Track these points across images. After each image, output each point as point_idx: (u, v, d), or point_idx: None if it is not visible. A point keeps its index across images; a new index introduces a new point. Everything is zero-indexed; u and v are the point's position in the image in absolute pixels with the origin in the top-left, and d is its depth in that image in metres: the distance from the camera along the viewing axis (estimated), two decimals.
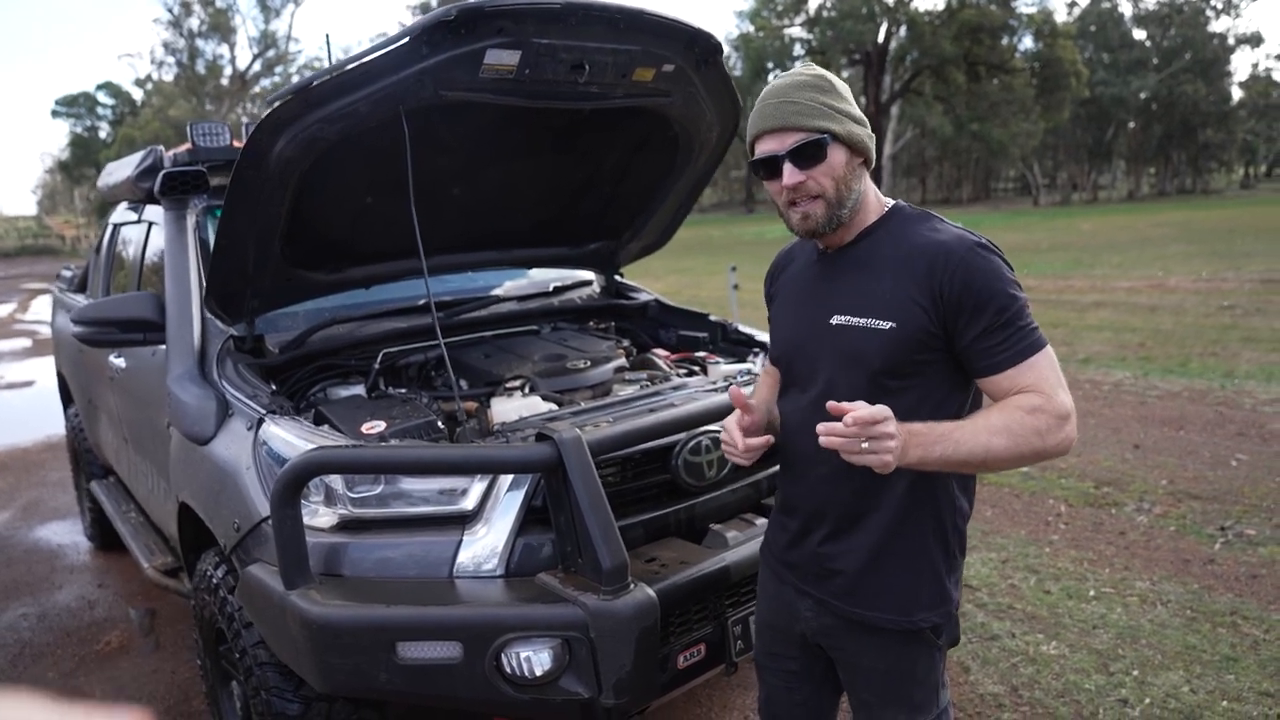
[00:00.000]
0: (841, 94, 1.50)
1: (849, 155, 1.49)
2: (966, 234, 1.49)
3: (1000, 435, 1.37)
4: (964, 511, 1.60)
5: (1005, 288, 1.43)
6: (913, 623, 1.55)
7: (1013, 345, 1.42)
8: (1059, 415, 1.39)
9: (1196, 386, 6.77)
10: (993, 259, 1.45)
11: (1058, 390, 1.40)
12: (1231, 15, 60.50)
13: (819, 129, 1.46)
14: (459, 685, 1.81)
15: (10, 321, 17.84)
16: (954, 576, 1.59)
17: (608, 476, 2.10)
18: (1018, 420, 1.38)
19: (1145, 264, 15.38)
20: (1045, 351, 1.43)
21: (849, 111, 1.49)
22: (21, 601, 4.21)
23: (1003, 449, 1.38)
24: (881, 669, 1.60)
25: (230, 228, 2.35)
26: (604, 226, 3.42)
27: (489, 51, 2.18)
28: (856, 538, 1.56)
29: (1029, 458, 1.41)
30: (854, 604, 1.57)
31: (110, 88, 56.63)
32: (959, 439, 1.37)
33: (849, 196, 1.50)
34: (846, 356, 1.51)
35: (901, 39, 43.32)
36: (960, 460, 1.38)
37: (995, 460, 1.39)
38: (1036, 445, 1.38)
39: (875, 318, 1.47)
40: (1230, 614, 3.30)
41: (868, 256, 1.54)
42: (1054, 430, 1.39)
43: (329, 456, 1.83)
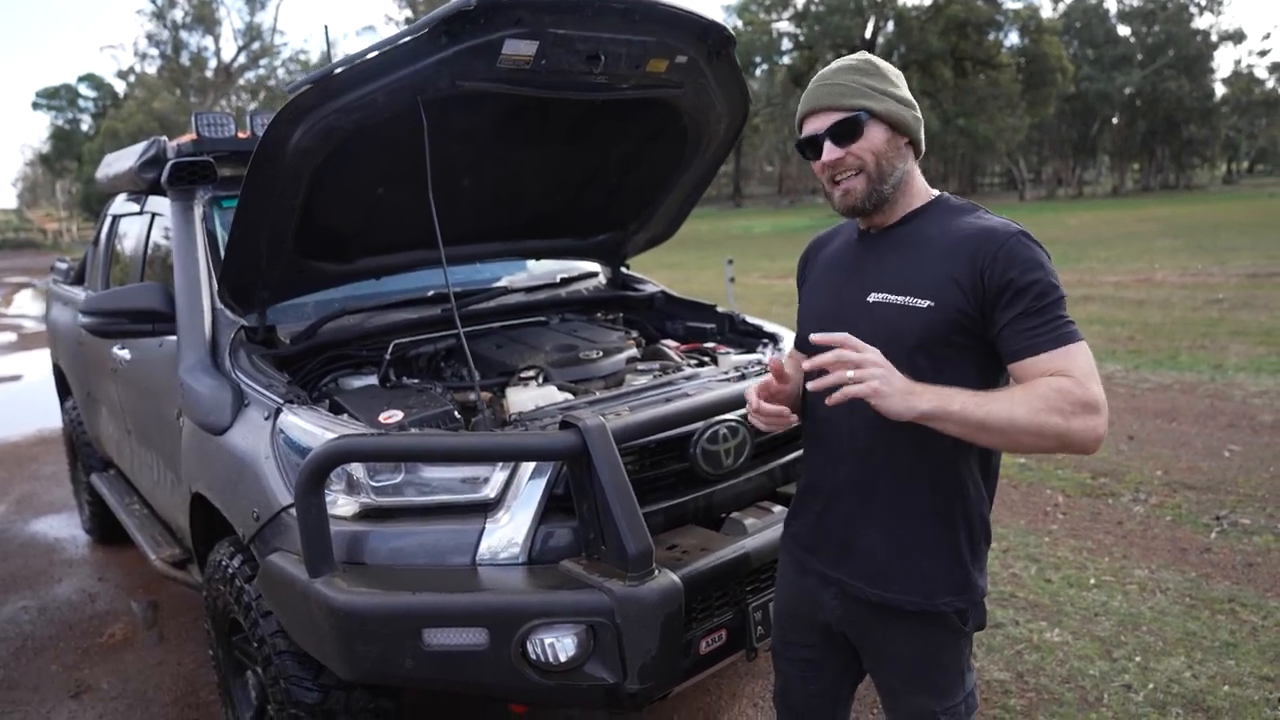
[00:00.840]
0: (886, 75, 1.54)
1: (890, 133, 1.53)
2: (1011, 223, 1.50)
3: (1023, 405, 1.35)
4: (987, 499, 1.61)
5: (1047, 276, 1.43)
6: (936, 606, 1.55)
7: (1051, 331, 1.41)
8: (1087, 401, 1.36)
9: (1187, 379, 6.85)
10: (1035, 248, 1.46)
11: (1090, 379, 1.38)
12: (1215, 12, 61.01)
13: (855, 107, 1.50)
14: (485, 671, 1.82)
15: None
16: (979, 563, 1.60)
17: (628, 465, 2.11)
18: (1043, 395, 1.36)
19: (1132, 258, 15.53)
20: (1081, 345, 1.42)
21: (892, 92, 1.53)
22: (20, 595, 4.19)
23: (1025, 419, 1.34)
24: (908, 654, 1.61)
25: (245, 219, 2.34)
26: (611, 218, 3.43)
27: (507, 42, 2.18)
28: (882, 519, 1.57)
29: (1049, 436, 1.35)
30: (878, 586, 1.58)
31: (92, 80, 56.09)
32: (981, 399, 1.36)
33: (890, 173, 1.53)
34: (881, 334, 1.48)
35: (888, 34, 43.46)
36: (979, 420, 1.35)
37: (1017, 428, 1.35)
38: (1059, 425, 1.34)
39: (914, 296, 1.48)
40: (1228, 601, 3.36)
41: (911, 238, 1.55)
42: (1079, 414, 1.35)
43: (355, 445, 1.84)
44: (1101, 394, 1.38)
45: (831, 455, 1.62)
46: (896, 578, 1.56)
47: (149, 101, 44.18)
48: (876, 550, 1.58)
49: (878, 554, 1.58)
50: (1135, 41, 54.04)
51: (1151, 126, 54.67)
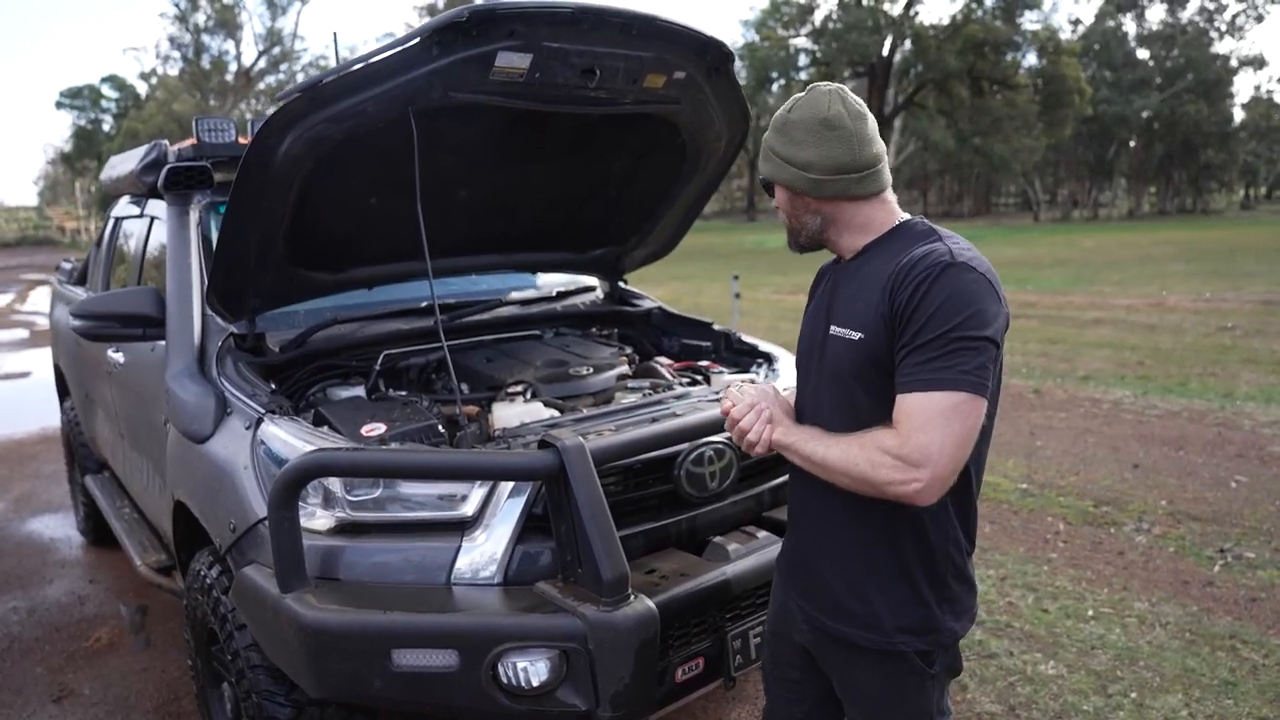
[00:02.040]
0: (790, 135, 1.53)
1: (789, 194, 1.57)
2: (950, 252, 1.41)
3: (838, 448, 1.43)
4: (958, 540, 1.54)
5: (952, 308, 1.35)
6: (894, 646, 1.51)
7: (916, 372, 1.36)
8: (901, 456, 1.33)
9: (1196, 406, 6.76)
10: (959, 280, 1.37)
11: (916, 433, 1.33)
12: (1235, 37, 60.75)
13: (760, 170, 1.60)
14: (455, 694, 1.78)
15: (8, 312, 17.78)
16: (950, 604, 1.53)
17: (609, 485, 2.07)
18: (860, 443, 1.40)
19: (1145, 282, 15.40)
20: (940, 395, 1.33)
21: (787, 155, 1.53)
22: (12, 595, 4.17)
23: (836, 462, 1.43)
24: (870, 692, 1.58)
25: (233, 225, 2.33)
26: (609, 232, 3.40)
27: (500, 54, 2.16)
28: (839, 550, 1.56)
29: (861, 483, 1.40)
30: (836, 619, 1.57)
31: (115, 81, 56.65)
32: (814, 439, 1.48)
33: (800, 228, 1.60)
34: (830, 365, 1.55)
35: (906, 52, 43.46)
36: (803, 456, 1.49)
37: (833, 470, 1.44)
38: (866, 473, 1.38)
39: (850, 328, 1.50)
40: (1229, 637, 3.29)
41: (867, 269, 1.54)
42: (887, 468, 1.35)
43: (328, 459, 1.81)
44: (924, 451, 1.32)
45: (800, 481, 1.62)
46: (852, 612, 1.54)
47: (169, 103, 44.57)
48: (833, 582, 1.57)
49: (834, 586, 1.57)
50: (1154, 65, 53.82)
51: (1169, 150, 54.36)
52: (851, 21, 41.09)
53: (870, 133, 1.52)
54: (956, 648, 1.58)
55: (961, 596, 1.56)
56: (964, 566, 1.56)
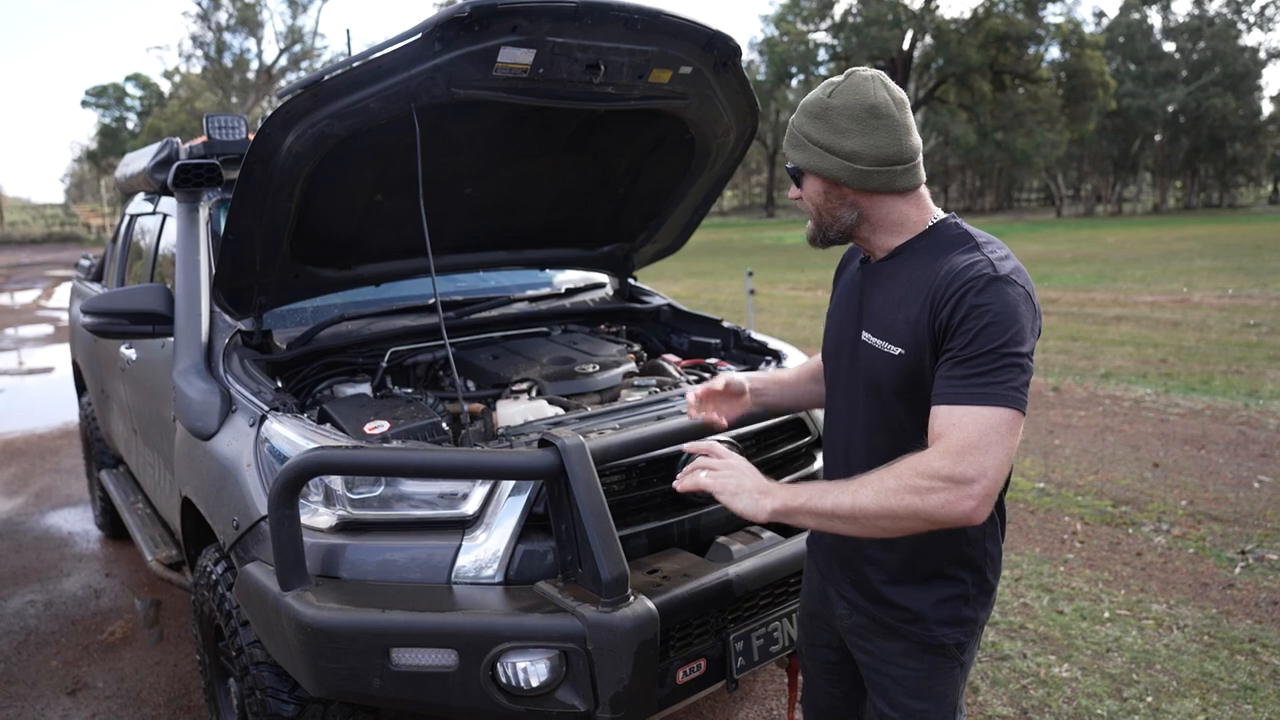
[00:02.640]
0: (833, 122, 1.44)
1: (825, 185, 1.49)
2: (992, 264, 1.37)
3: (870, 489, 1.30)
4: (995, 535, 1.55)
5: (1000, 324, 1.30)
6: (933, 635, 1.53)
7: (961, 384, 1.30)
8: (949, 475, 1.25)
9: (1219, 405, 6.65)
10: (1000, 293, 1.33)
11: (965, 452, 1.25)
12: (1264, 29, 59.74)
13: (793, 160, 1.52)
14: (453, 694, 1.77)
15: (34, 308, 18.05)
16: (983, 597, 1.56)
17: (611, 484, 2.06)
18: (894, 474, 1.29)
19: (1169, 278, 15.18)
20: (991, 411, 1.27)
21: (828, 143, 1.45)
22: (29, 588, 4.23)
23: (872, 505, 1.29)
24: (898, 675, 1.59)
25: (238, 222, 2.33)
26: (618, 229, 3.38)
27: (503, 50, 2.14)
28: (878, 550, 1.56)
29: (906, 519, 1.28)
30: (879, 605, 1.58)
31: (139, 79, 57.32)
32: (827, 490, 1.34)
33: (832, 222, 1.52)
34: (866, 374, 1.52)
35: (927, 46, 43.09)
36: (828, 511, 1.33)
37: (868, 516, 1.30)
38: (912, 504, 1.26)
39: (889, 341, 1.45)
40: (1249, 641, 3.22)
41: (902, 273, 1.48)
42: (939, 491, 1.25)
43: (328, 457, 1.81)
44: (981, 469, 1.26)
45: (836, 471, 1.62)
46: (897, 605, 1.55)
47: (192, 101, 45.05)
48: (877, 572, 1.57)
49: (878, 576, 1.57)
50: (1180, 58, 53.04)
51: (1195, 144, 53.55)
52: (871, 16, 40.81)
53: (912, 122, 1.47)
54: (978, 635, 1.61)
55: (990, 585, 1.58)
56: (998, 557, 1.58)
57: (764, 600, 2.10)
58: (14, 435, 7.28)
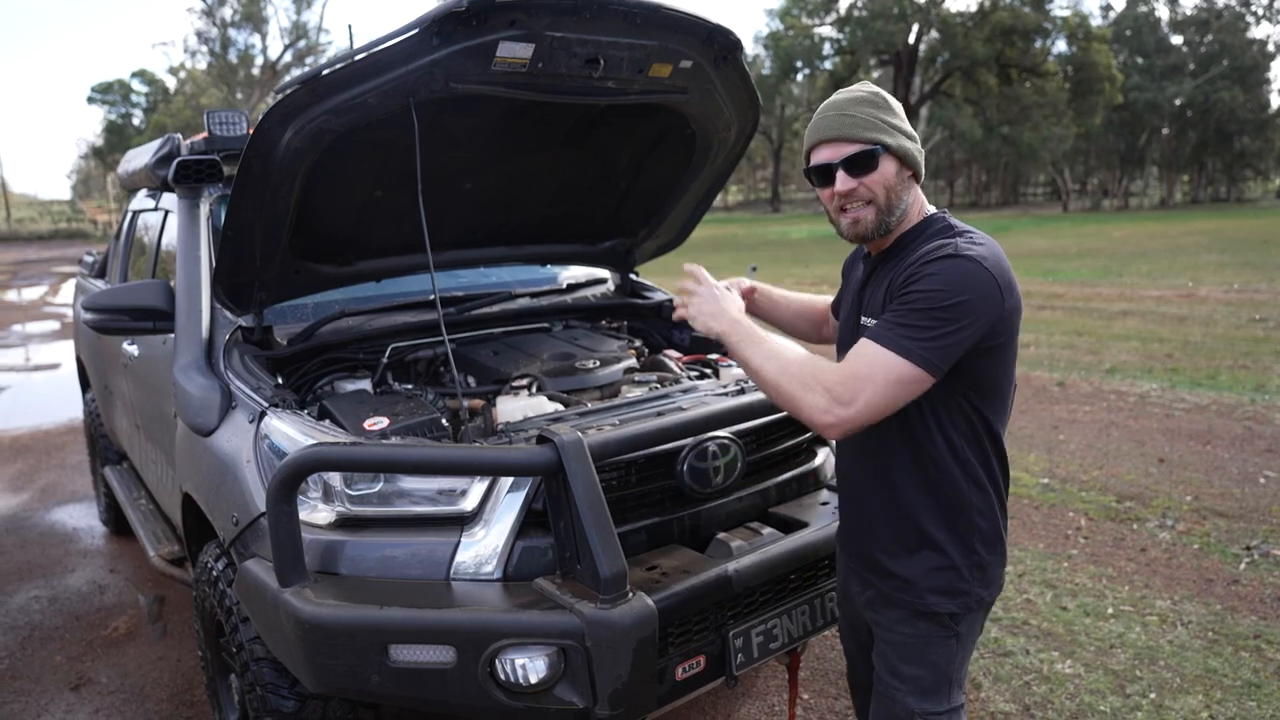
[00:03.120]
0: (895, 111, 1.60)
1: (899, 167, 1.59)
2: (958, 246, 1.50)
3: (775, 361, 1.51)
4: (981, 508, 1.62)
5: (936, 294, 1.43)
6: (925, 603, 1.62)
7: (884, 329, 1.45)
8: (833, 388, 1.44)
9: (1225, 400, 6.62)
10: (956, 268, 1.45)
11: (853, 377, 1.43)
12: (1272, 22, 59.35)
13: (872, 140, 1.56)
14: (451, 690, 1.77)
15: (40, 304, 18.10)
16: (977, 572, 1.63)
17: (610, 480, 2.06)
18: (799, 362, 1.49)
19: (1176, 273, 15.11)
20: (888, 355, 1.42)
21: (901, 127, 1.59)
22: (34, 584, 4.24)
23: (769, 373, 1.52)
24: (895, 641, 1.68)
25: (237, 218, 2.32)
26: (619, 224, 3.37)
27: (501, 44, 2.13)
28: (881, 516, 1.68)
29: (784, 400, 1.51)
30: (881, 580, 1.69)
31: (144, 75, 57.39)
32: (753, 340, 1.57)
33: (898, 205, 1.60)
34: None
35: (932, 40, 42.90)
36: (741, 359, 1.58)
37: (760, 379, 1.54)
38: (794, 391, 1.48)
39: (873, 317, 1.60)
40: (1254, 637, 3.21)
41: (893, 262, 1.62)
42: (815, 393, 1.45)
43: (326, 453, 1.80)
44: (858, 396, 1.42)
45: (847, 453, 1.76)
46: (892, 574, 1.66)
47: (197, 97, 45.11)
48: (876, 545, 1.69)
49: (876, 549, 1.69)
50: (1188, 50, 52.69)
51: (1202, 138, 53.19)
52: (877, 9, 40.63)
53: None
54: (981, 611, 1.68)
55: (990, 565, 1.65)
56: (991, 532, 1.64)
57: (764, 597, 2.09)
58: (20, 431, 7.30)
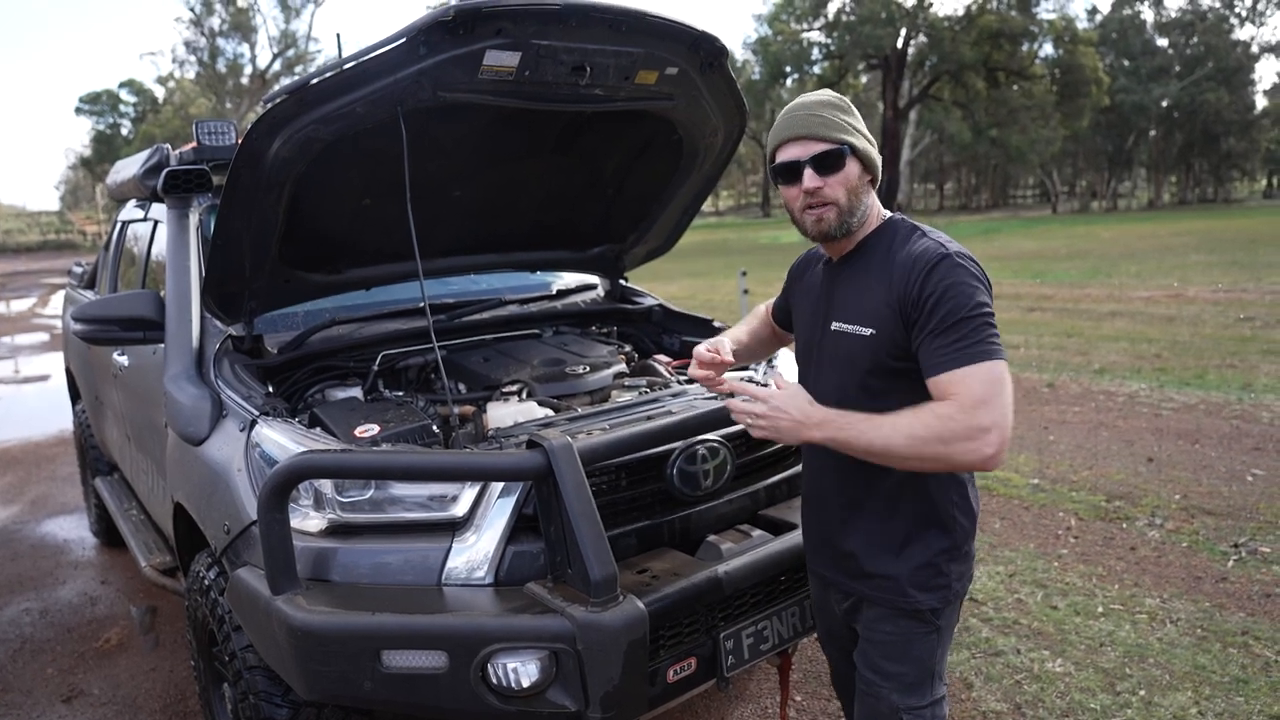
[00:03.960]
0: (858, 116, 1.67)
1: (861, 170, 1.65)
2: (943, 245, 1.57)
3: (900, 433, 1.45)
4: (962, 506, 1.68)
5: (963, 294, 1.49)
6: (909, 599, 1.66)
7: (952, 351, 1.47)
8: (970, 427, 1.42)
9: (1213, 399, 6.67)
10: (959, 268, 1.52)
11: (980, 405, 1.42)
12: (1255, 24, 59.88)
13: (840, 140, 1.61)
14: (444, 695, 1.78)
15: (29, 316, 18.02)
16: (956, 565, 1.68)
17: (600, 484, 2.07)
18: (923, 423, 1.44)
19: (1164, 273, 15.20)
20: (985, 365, 1.45)
21: (864, 132, 1.65)
22: (25, 596, 4.22)
23: (901, 447, 1.46)
24: (879, 640, 1.71)
25: (226, 227, 2.33)
26: (608, 230, 3.39)
27: (488, 52, 2.15)
28: (856, 521, 1.71)
29: (932, 462, 1.48)
30: (862, 583, 1.71)
31: (133, 85, 57.18)
32: (863, 429, 1.49)
33: (858, 206, 1.65)
34: (840, 360, 1.68)
35: (921, 44, 43.10)
36: (861, 449, 1.50)
37: (896, 456, 1.48)
38: (939, 451, 1.44)
39: (860, 324, 1.63)
40: (1242, 634, 3.23)
41: (864, 265, 1.68)
42: (959, 441, 1.42)
43: (316, 460, 1.81)
44: (991, 418, 1.42)
45: (816, 462, 1.77)
46: (874, 575, 1.69)
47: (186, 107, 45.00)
48: (855, 550, 1.71)
49: (856, 553, 1.71)
50: (1173, 53, 53.04)
51: (1189, 139, 53.53)
52: (865, 14, 40.79)
53: None
54: (958, 604, 1.73)
55: (967, 558, 1.72)
56: (969, 526, 1.70)
57: (754, 598, 2.11)
58: (10, 444, 7.27)
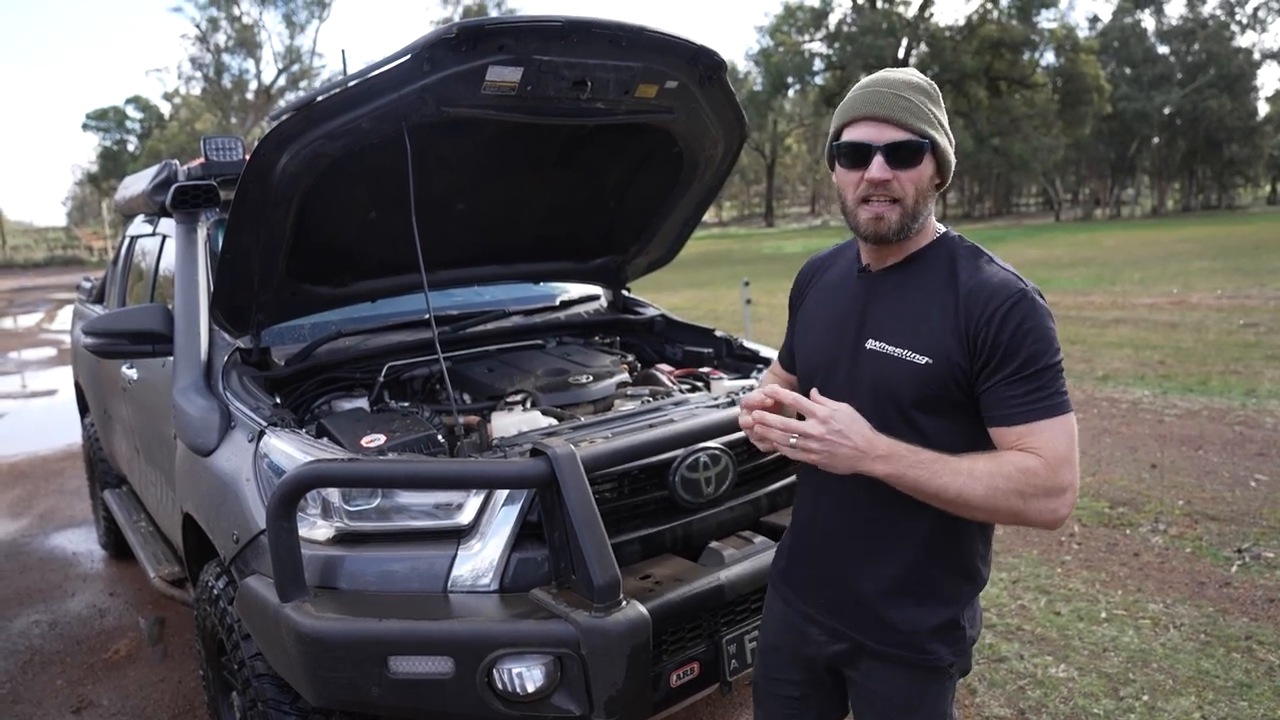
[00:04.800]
0: (943, 108, 1.45)
1: (935, 171, 1.44)
2: (1019, 279, 1.42)
3: (979, 482, 1.31)
4: (984, 555, 1.56)
5: (1043, 342, 1.36)
6: (926, 658, 1.51)
7: (1035, 401, 1.35)
8: (1051, 485, 1.32)
9: (1216, 405, 6.67)
10: (1038, 309, 1.38)
11: (1062, 465, 1.32)
12: (1258, 30, 60.00)
13: (923, 133, 1.39)
14: (450, 700, 1.80)
15: (37, 331, 18.13)
16: (970, 613, 1.56)
17: (604, 492, 2.10)
18: (1004, 474, 1.31)
19: (1167, 280, 15.21)
20: (1065, 419, 1.36)
21: (947, 129, 1.45)
22: (34, 608, 4.26)
23: (978, 497, 1.31)
24: (887, 694, 1.56)
25: (235, 241, 2.37)
26: (610, 242, 3.43)
27: (491, 68, 2.19)
28: (876, 567, 1.52)
29: (1004, 516, 1.35)
30: (870, 634, 1.54)
31: (139, 102, 57.74)
32: (937, 470, 1.32)
33: (923, 211, 1.44)
34: (878, 384, 1.45)
35: (922, 54, 43.28)
36: (932, 492, 1.33)
37: (967, 506, 1.33)
38: (1016, 506, 1.32)
39: (912, 350, 1.41)
40: (1245, 639, 3.24)
41: (913, 282, 1.47)
42: (1039, 498, 1.32)
43: (324, 470, 1.84)
44: (1072, 477, 1.34)
45: (820, 490, 1.57)
46: (890, 627, 1.51)
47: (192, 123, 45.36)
48: (864, 593, 1.53)
49: (866, 597, 1.53)
50: (1175, 60, 53.16)
51: (1192, 146, 53.60)
52: (866, 25, 41.01)
53: None
54: (970, 650, 1.59)
55: (978, 605, 1.60)
56: (985, 576, 1.58)
57: (755, 603, 2.13)
58: (18, 458, 7.32)
